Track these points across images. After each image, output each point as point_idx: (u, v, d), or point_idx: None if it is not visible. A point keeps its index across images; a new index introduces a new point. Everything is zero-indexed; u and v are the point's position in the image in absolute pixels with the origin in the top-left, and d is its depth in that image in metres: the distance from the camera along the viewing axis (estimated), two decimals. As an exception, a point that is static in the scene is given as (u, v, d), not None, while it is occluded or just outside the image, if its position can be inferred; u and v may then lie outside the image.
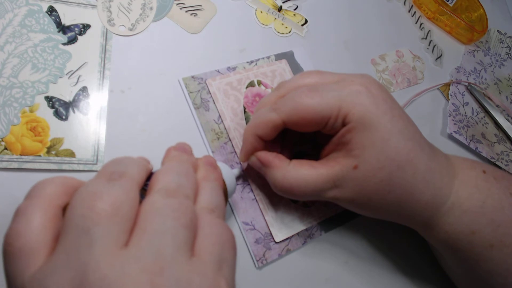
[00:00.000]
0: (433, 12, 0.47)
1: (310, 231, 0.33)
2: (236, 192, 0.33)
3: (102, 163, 0.31)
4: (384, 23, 0.46)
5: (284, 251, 0.32)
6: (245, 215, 0.32)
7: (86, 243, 0.15)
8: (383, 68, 0.43)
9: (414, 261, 0.36)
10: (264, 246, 0.32)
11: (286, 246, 0.32)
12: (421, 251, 0.36)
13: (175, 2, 0.38)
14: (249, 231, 0.32)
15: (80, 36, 0.34)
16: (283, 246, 0.32)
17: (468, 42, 0.48)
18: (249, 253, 0.32)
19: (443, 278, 0.35)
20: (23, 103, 0.31)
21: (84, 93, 0.33)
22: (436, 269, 0.36)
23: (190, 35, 0.37)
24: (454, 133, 0.41)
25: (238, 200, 0.33)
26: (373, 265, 0.35)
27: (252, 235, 0.32)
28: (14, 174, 0.29)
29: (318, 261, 0.33)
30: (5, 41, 0.32)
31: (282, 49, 0.40)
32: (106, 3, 0.36)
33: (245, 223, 0.32)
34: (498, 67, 0.49)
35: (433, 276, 0.36)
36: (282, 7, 0.42)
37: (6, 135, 0.30)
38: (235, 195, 0.33)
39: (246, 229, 0.32)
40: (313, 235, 0.33)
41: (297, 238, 0.33)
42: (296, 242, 0.33)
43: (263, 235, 0.32)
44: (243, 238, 0.32)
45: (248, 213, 0.32)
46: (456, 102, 0.44)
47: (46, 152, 0.30)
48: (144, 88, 0.34)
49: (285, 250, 0.32)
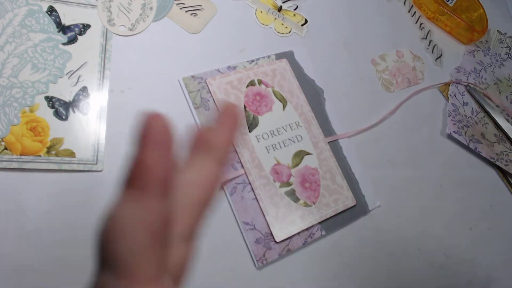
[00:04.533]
0: (433, 12, 0.47)
1: (310, 231, 0.33)
2: (236, 192, 0.33)
3: (102, 163, 0.31)
4: (384, 23, 0.46)
5: (284, 251, 0.32)
6: (245, 215, 0.32)
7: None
8: (383, 68, 0.43)
9: (414, 261, 0.36)
10: (264, 246, 0.32)
11: (287, 246, 0.32)
12: (420, 251, 0.36)
13: (175, 2, 0.38)
14: (249, 231, 0.32)
15: (80, 36, 0.34)
16: (283, 246, 0.32)
17: (468, 42, 0.48)
18: (249, 253, 0.32)
19: (442, 279, 0.35)
20: (23, 103, 0.31)
21: (84, 93, 0.33)
22: (436, 270, 0.36)
23: (190, 35, 0.37)
24: (453, 133, 0.41)
25: (238, 200, 0.33)
26: (373, 265, 0.35)
27: (252, 235, 0.32)
28: (14, 174, 0.29)
29: (318, 261, 0.33)
30: (5, 41, 0.32)
31: (282, 49, 0.40)
32: (106, 3, 0.36)
33: (245, 223, 0.32)
34: (498, 67, 0.49)
35: (433, 276, 0.36)
36: (282, 7, 0.42)
37: (6, 135, 0.30)
38: (235, 194, 0.33)
39: (246, 229, 0.32)
40: (314, 235, 0.33)
41: (298, 238, 0.33)
42: (296, 242, 0.33)
43: (264, 235, 0.32)
44: (243, 238, 0.32)
45: (248, 213, 0.32)
46: (456, 102, 0.44)
47: (46, 152, 0.30)
48: (144, 88, 0.34)
49: (286, 250, 0.32)
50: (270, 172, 0.34)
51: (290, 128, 0.36)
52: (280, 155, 0.35)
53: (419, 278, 0.36)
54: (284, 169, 0.35)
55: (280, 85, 0.38)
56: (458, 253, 0.37)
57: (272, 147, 0.35)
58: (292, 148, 0.36)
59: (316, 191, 0.35)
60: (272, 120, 0.36)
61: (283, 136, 0.36)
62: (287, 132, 0.36)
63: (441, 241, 0.37)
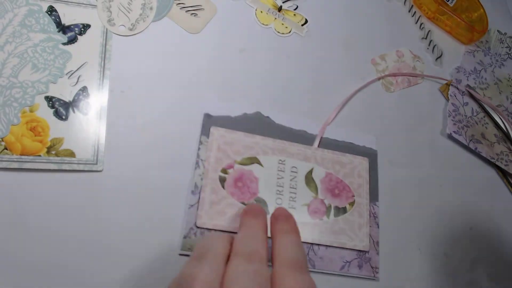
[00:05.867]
0: (433, 12, 0.47)
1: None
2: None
3: (102, 163, 0.31)
4: (384, 23, 0.46)
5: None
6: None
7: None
8: (383, 68, 0.43)
9: (413, 261, 0.36)
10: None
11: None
12: (420, 251, 0.36)
13: (175, 2, 0.38)
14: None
15: (80, 36, 0.34)
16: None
17: (468, 42, 0.48)
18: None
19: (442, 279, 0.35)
20: (23, 103, 0.31)
21: (84, 93, 0.33)
22: (435, 270, 0.36)
23: (190, 35, 0.37)
24: (453, 133, 0.41)
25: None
26: (373, 265, 0.35)
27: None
28: (14, 174, 0.29)
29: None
30: (5, 41, 0.32)
31: (283, 48, 0.40)
32: (106, 3, 0.36)
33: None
34: (498, 67, 0.49)
35: (433, 276, 0.36)
36: (282, 7, 0.42)
37: (6, 135, 0.30)
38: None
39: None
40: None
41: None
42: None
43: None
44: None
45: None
46: (456, 102, 0.44)
47: (46, 152, 0.30)
48: (144, 88, 0.34)
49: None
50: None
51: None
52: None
53: (419, 278, 0.36)
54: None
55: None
56: (458, 253, 0.37)
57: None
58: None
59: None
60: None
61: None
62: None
63: (441, 241, 0.37)
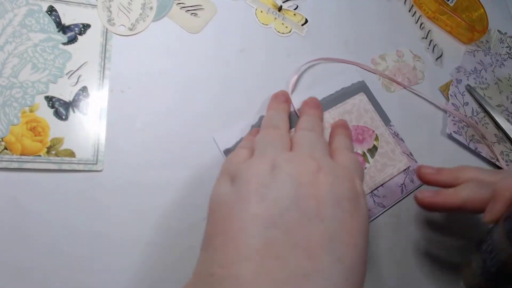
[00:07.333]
0: (433, 12, 0.47)
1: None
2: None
3: (102, 163, 0.31)
4: (384, 23, 0.46)
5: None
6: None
7: (271, 148, 0.26)
8: (383, 68, 0.43)
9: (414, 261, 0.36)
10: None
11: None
12: (420, 251, 0.36)
13: (175, 2, 0.38)
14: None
15: (80, 36, 0.34)
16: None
17: (468, 42, 0.48)
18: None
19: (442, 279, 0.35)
20: (23, 103, 0.31)
21: (84, 93, 0.33)
22: (435, 269, 0.36)
23: (190, 35, 0.37)
24: (453, 133, 0.41)
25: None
26: (372, 264, 0.35)
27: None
28: (14, 174, 0.29)
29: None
30: (5, 41, 0.32)
31: (283, 48, 0.40)
32: (106, 3, 0.36)
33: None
34: (498, 67, 0.48)
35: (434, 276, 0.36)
36: (282, 6, 0.42)
37: (6, 135, 0.30)
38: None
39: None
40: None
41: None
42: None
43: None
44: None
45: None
46: (456, 102, 0.44)
47: (46, 152, 0.30)
48: (144, 88, 0.34)
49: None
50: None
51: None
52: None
53: (419, 278, 0.36)
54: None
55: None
56: (459, 253, 0.37)
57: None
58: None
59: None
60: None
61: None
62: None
63: (442, 241, 0.37)
